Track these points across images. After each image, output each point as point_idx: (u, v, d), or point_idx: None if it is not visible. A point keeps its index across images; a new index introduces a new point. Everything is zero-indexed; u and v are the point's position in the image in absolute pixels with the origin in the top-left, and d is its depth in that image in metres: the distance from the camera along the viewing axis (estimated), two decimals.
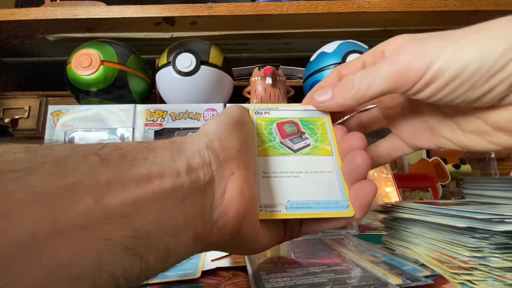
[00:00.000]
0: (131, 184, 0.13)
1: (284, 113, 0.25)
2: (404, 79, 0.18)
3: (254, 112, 0.25)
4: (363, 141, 0.21)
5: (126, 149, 0.14)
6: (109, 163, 0.13)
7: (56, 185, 0.11)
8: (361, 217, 0.20)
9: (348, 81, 0.21)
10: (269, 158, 0.22)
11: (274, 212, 0.20)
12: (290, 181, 0.21)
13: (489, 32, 0.17)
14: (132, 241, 0.12)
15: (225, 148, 0.18)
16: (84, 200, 0.11)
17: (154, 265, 0.14)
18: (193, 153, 0.16)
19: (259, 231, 0.19)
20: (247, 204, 0.17)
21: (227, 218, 0.16)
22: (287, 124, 0.25)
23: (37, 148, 0.12)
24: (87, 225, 0.11)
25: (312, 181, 0.21)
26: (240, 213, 0.17)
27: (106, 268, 0.12)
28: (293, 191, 0.21)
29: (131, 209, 0.13)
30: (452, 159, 0.59)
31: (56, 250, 0.10)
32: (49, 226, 0.10)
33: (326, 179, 0.21)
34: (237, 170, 0.17)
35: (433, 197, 0.54)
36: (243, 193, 0.17)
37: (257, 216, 0.19)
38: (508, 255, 0.20)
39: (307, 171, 0.22)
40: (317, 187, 0.21)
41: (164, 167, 0.15)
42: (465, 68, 0.17)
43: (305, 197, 0.20)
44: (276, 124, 0.25)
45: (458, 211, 0.22)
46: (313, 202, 0.20)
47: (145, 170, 0.14)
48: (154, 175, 0.14)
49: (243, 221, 0.17)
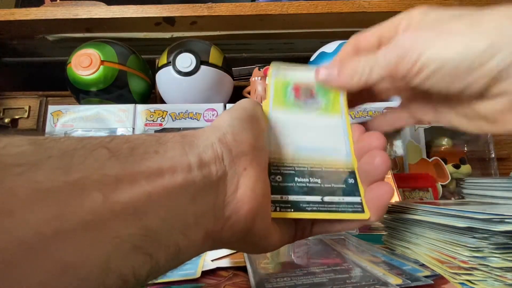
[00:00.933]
0: (141, 179, 0.12)
1: (304, 75, 0.25)
2: (398, 69, 0.20)
3: (273, 73, 0.25)
4: (382, 140, 0.21)
5: (136, 142, 0.14)
6: (119, 157, 0.12)
7: (62, 181, 0.10)
8: (376, 220, 0.20)
9: (354, 66, 0.22)
10: (284, 117, 0.22)
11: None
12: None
13: (479, 28, 0.18)
14: (141, 240, 0.12)
15: (238, 143, 0.17)
16: (92, 197, 0.11)
17: (164, 264, 0.13)
18: (205, 147, 0.16)
19: (270, 229, 0.18)
20: (260, 201, 0.17)
21: (239, 215, 0.16)
22: (303, 88, 0.24)
23: (42, 141, 0.11)
24: (94, 223, 0.11)
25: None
26: (253, 210, 0.16)
27: (114, 268, 0.11)
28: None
29: (141, 205, 0.12)
30: (452, 159, 0.59)
31: (62, 251, 0.10)
32: (55, 225, 0.10)
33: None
34: (249, 166, 0.17)
35: (433, 197, 0.54)
36: (255, 190, 0.17)
37: (269, 214, 0.18)
38: (508, 255, 0.20)
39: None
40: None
41: (175, 161, 0.14)
42: (447, 62, 0.18)
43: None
44: (293, 86, 0.24)
45: (458, 211, 0.22)
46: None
47: (156, 164, 0.13)
48: (165, 170, 0.13)
49: (255, 219, 0.17)
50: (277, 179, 0.20)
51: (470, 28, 0.18)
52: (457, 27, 0.18)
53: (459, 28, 0.18)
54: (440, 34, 0.19)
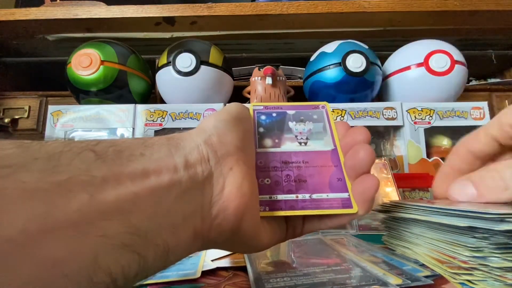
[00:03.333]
0: (127, 180, 0.13)
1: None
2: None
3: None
4: (366, 134, 0.21)
5: (122, 145, 0.14)
6: (105, 159, 0.13)
7: (49, 181, 0.11)
8: (365, 213, 0.20)
9: (496, 179, 0.21)
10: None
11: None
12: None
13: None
14: (129, 238, 0.12)
15: (224, 144, 0.17)
16: (78, 196, 0.11)
17: (153, 263, 0.14)
18: (191, 148, 0.16)
19: (259, 228, 0.19)
20: (247, 200, 0.17)
21: (226, 214, 0.16)
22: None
23: (29, 144, 0.12)
24: (81, 221, 0.11)
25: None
26: (240, 209, 0.17)
27: (103, 266, 0.11)
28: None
29: (128, 205, 0.12)
30: None
31: (49, 247, 0.10)
32: (41, 222, 0.10)
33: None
34: (236, 166, 0.17)
35: (433, 197, 0.54)
36: (242, 188, 0.17)
37: (257, 212, 0.19)
38: (508, 255, 0.20)
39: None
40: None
41: (161, 162, 0.14)
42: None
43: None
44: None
45: (458, 211, 0.22)
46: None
47: (142, 166, 0.14)
48: (151, 171, 0.14)
49: (243, 218, 0.17)
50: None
51: None
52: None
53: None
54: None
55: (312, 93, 0.63)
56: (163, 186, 0.14)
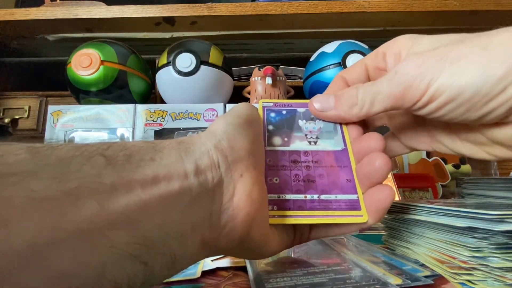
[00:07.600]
0: (137, 187, 0.12)
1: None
2: (404, 99, 0.19)
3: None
4: (381, 142, 0.20)
5: (132, 149, 0.14)
6: (115, 165, 0.13)
7: (58, 190, 0.10)
8: (375, 223, 0.20)
9: (351, 96, 0.21)
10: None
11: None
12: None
13: (489, 53, 0.16)
14: (137, 248, 0.12)
15: (234, 149, 0.17)
16: (87, 205, 0.11)
17: (159, 273, 0.13)
18: (201, 153, 0.16)
19: (268, 235, 0.18)
20: (257, 207, 0.17)
21: (236, 222, 0.16)
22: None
23: (39, 148, 0.11)
24: (90, 231, 0.11)
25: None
26: (250, 217, 0.16)
27: (109, 277, 0.11)
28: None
29: (137, 214, 0.12)
30: (452, 159, 0.59)
31: (57, 260, 0.10)
32: (50, 234, 0.10)
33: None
34: (246, 172, 0.17)
35: (433, 197, 0.54)
36: (252, 196, 0.16)
37: (267, 220, 0.18)
38: (508, 255, 0.20)
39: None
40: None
41: (171, 168, 0.14)
42: (462, 91, 0.17)
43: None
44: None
45: (458, 211, 0.22)
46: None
47: (152, 172, 0.13)
48: (161, 177, 0.13)
49: (252, 225, 0.16)
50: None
51: (483, 52, 0.17)
52: (467, 52, 0.17)
53: (470, 53, 0.17)
54: (449, 60, 0.17)
55: (312, 93, 0.63)
56: (173, 194, 0.14)
